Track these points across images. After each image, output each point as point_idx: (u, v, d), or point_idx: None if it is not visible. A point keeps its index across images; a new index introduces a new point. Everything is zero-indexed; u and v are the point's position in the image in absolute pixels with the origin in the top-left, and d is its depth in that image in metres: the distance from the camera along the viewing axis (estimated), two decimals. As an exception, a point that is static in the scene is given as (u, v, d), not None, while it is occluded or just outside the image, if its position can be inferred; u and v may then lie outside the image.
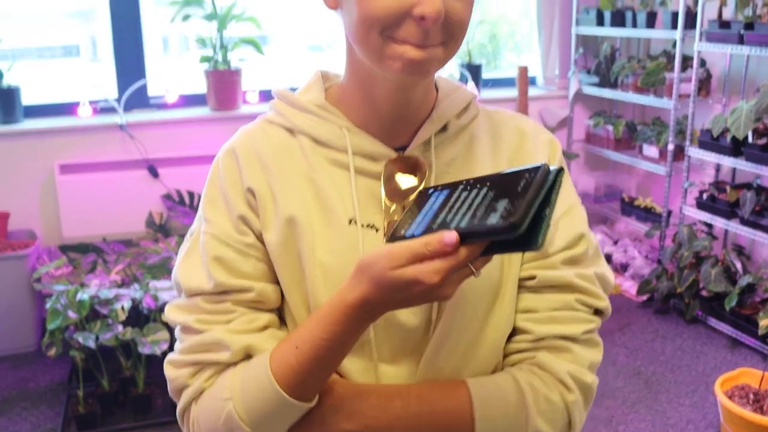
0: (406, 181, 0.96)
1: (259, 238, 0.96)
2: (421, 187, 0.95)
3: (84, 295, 2.96)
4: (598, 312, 1.00)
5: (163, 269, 3.28)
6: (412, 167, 0.97)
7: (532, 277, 0.99)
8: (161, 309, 3.03)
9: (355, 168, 0.96)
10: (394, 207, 0.95)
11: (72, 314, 2.92)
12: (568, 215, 1.01)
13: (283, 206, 0.95)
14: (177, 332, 1.00)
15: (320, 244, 0.94)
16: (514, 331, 1.01)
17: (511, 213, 0.73)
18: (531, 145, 1.03)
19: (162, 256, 3.33)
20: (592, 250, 1.02)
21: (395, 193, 0.96)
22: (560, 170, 0.78)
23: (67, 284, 3.12)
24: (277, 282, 0.98)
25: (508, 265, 0.99)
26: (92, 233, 3.53)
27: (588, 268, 1.00)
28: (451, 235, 0.75)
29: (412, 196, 0.95)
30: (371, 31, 0.86)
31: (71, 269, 3.32)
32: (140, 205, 3.59)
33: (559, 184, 0.77)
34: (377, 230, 0.95)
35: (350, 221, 0.95)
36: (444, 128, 1.00)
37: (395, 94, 0.95)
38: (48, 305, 2.97)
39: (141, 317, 3.05)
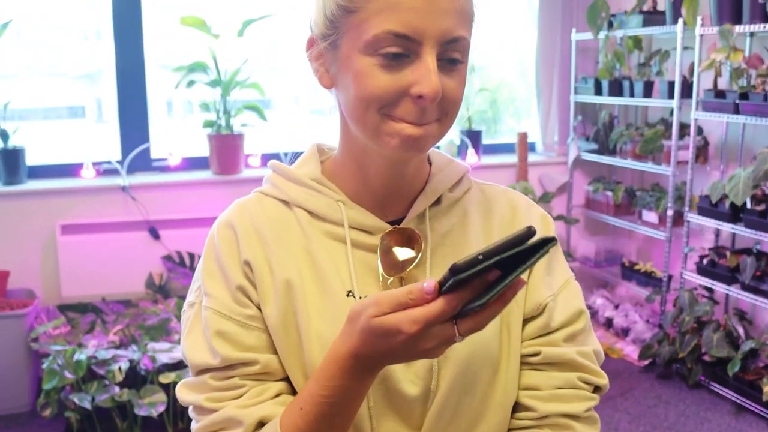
0: (402, 253, 0.98)
1: (259, 308, 0.96)
2: (417, 259, 0.98)
3: (81, 356, 2.94)
4: (597, 389, 1.02)
5: (162, 330, 3.26)
6: (408, 240, 0.99)
7: (535, 354, 1.00)
8: (159, 370, 3.00)
9: (351, 241, 0.98)
10: (391, 279, 0.97)
11: (68, 374, 2.89)
12: (565, 290, 1.03)
13: (280, 273, 0.96)
14: (190, 411, 0.99)
15: (317, 314, 0.94)
16: (518, 408, 1.01)
17: (462, 260, 0.73)
18: (524, 219, 1.05)
19: (161, 317, 3.31)
20: (588, 325, 1.05)
21: (392, 266, 0.97)
22: (549, 240, 0.76)
23: (64, 344, 3.10)
24: None
25: (507, 339, 1.00)
26: (92, 293, 3.53)
27: (586, 344, 1.02)
28: (430, 283, 0.76)
29: (410, 268, 0.97)
30: (369, 110, 0.88)
31: (69, 329, 3.30)
32: (140, 266, 3.59)
33: (544, 252, 0.75)
34: None
35: (348, 293, 0.96)
36: (438, 201, 1.03)
37: (389, 169, 0.97)
38: (45, 365, 2.94)
39: (138, 378, 3.02)
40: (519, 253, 0.74)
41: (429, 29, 0.85)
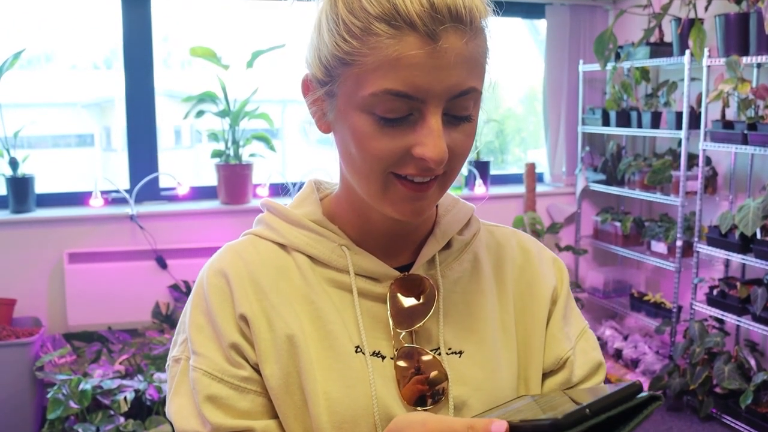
0: (410, 302, 0.90)
1: (255, 368, 0.87)
2: (431, 312, 0.90)
3: (87, 386, 2.92)
4: None
5: (168, 360, 3.24)
6: (417, 287, 0.91)
7: None
8: (164, 401, 2.97)
9: (358, 289, 0.89)
10: (403, 333, 0.89)
11: (73, 404, 2.87)
12: (582, 340, 0.99)
13: (281, 327, 0.86)
14: None
15: (323, 373, 0.85)
16: None
17: (564, 413, 0.65)
18: (536, 263, 1.00)
19: (167, 347, 3.30)
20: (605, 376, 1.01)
21: (401, 317, 0.89)
22: (653, 398, 0.70)
23: (69, 373, 3.09)
24: None
25: (525, 392, 0.96)
26: (98, 322, 3.52)
27: None
28: (500, 425, 0.67)
29: (424, 320, 0.90)
30: (373, 171, 0.81)
31: (75, 358, 3.29)
32: (147, 295, 3.58)
33: (649, 412, 0.69)
34: (384, 358, 0.87)
35: (356, 349, 0.87)
36: (447, 245, 0.95)
37: (391, 219, 0.89)
38: (49, 395, 2.92)
39: (144, 409, 2.99)
40: (626, 410, 0.68)
41: (433, 87, 0.76)
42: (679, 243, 3.74)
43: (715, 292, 3.49)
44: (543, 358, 0.96)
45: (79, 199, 3.76)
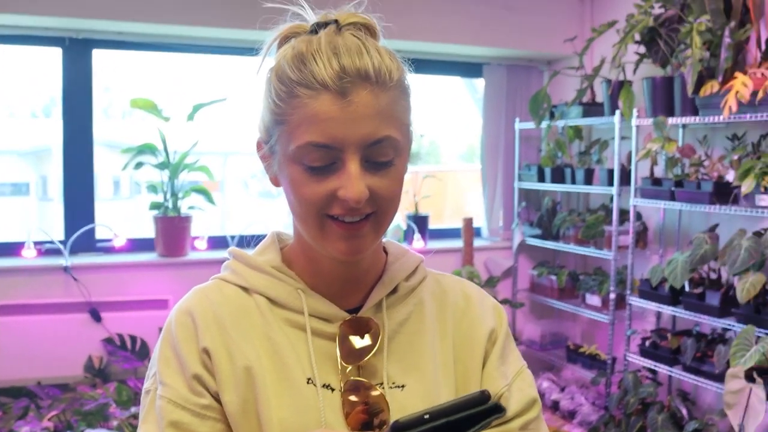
0: (359, 342, 1.00)
1: (216, 398, 0.96)
2: (375, 348, 0.99)
3: (13, 442, 2.81)
4: None
5: (100, 416, 3.15)
6: (365, 328, 1.00)
7: None
8: (95, 458, 2.88)
9: (311, 329, 0.99)
10: (350, 368, 0.98)
11: (-1, 463, 2.76)
12: (519, 378, 1.07)
13: (240, 359, 0.96)
14: None
15: (277, 401, 0.94)
16: None
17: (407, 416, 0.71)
18: (477, 310, 1.10)
19: (99, 402, 3.21)
20: (540, 412, 1.07)
21: (350, 354, 0.98)
22: (497, 409, 0.74)
23: (-4, 431, 2.97)
24: None
25: None
26: (27, 376, 3.39)
27: None
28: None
29: (368, 357, 0.98)
30: (309, 214, 0.93)
31: (0, 415, 3.16)
32: (79, 349, 3.49)
33: (489, 422, 0.74)
34: (333, 390, 0.97)
35: (308, 381, 0.96)
36: (394, 290, 1.05)
37: (339, 264, 1.00)
38: (-27, 453, 2.80)
39: (73, 466, 2.89)
40: (469, 416, 0.72)
41: (348, 137, 0.88)
42: (612, 296, 3.82)
43: (647, 343, 3.57)
44: None
45: (11, 249, 3.66)
